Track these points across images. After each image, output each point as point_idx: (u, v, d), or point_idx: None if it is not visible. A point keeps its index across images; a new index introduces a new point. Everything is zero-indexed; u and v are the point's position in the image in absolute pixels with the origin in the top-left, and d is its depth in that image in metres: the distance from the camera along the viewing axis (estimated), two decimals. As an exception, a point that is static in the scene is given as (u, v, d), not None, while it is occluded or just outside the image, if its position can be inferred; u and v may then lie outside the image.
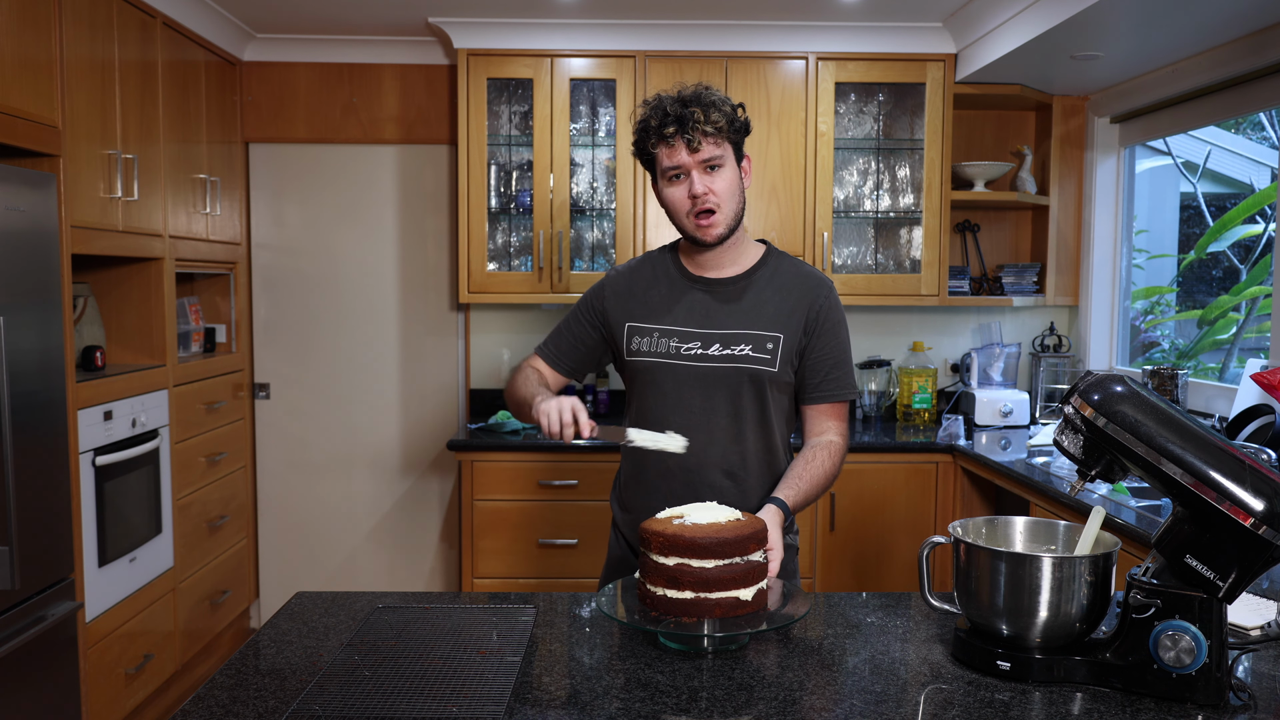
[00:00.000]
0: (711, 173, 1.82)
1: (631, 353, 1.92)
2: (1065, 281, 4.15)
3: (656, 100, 1.85)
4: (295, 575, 4.29)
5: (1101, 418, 1.32)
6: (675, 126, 1.79)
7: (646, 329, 1.92)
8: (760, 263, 1.93)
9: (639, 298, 1.94)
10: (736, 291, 1.90)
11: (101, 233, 2.95)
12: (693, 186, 1.81)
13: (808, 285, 1.91)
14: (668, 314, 1.91)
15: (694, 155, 1.80)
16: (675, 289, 1.93)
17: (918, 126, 3.96)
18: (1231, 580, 1.26)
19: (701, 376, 1.86)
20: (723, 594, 1.45)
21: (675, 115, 1.80)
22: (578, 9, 3.62)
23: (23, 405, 2.50)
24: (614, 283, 1.99)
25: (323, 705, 1.28)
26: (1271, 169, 4.23)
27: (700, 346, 1.87)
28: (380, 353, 4.29)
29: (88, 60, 2.89)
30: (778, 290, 1.90)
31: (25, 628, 2.49)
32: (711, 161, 1.81)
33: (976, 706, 1.29)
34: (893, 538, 3.65)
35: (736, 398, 1.86)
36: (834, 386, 1.90)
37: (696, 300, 1.90)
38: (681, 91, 1.84)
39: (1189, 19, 2.95)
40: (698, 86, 1.85)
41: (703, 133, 1.79)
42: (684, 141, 1.79)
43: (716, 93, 1.84)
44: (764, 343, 1.86)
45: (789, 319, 1.88)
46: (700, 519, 1.51)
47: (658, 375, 1.89)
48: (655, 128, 1.82)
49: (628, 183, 3.83)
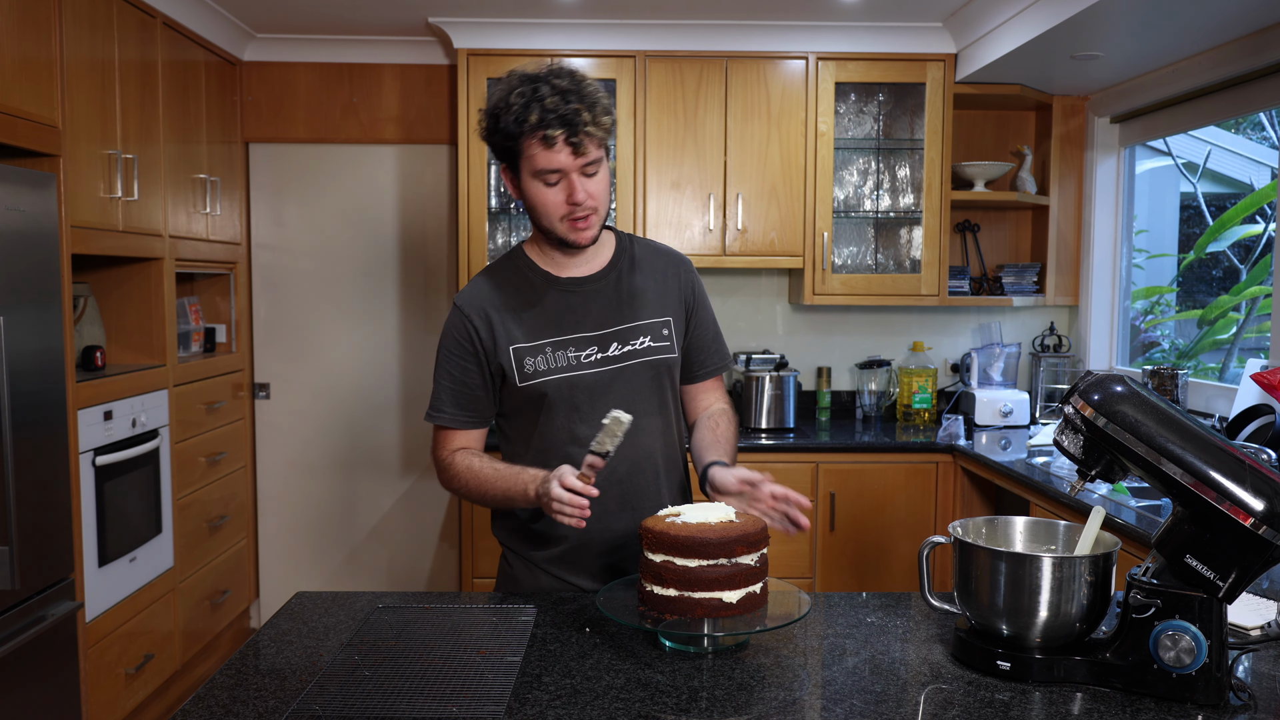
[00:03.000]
0: (591, 176, 1.67)
1: (526, 376, 1.74)
2: (1065, 281, 4.15)
3: (529, 86, 1.62)
4: (295, 575, 4.29)
5: (1101, 418, 1.32)
6: (562, 129, 1.60)
7: (535, 347, 1.75)
8: (619, 250, 1.83)
9: (510, 316, 1.76)
10: (610, 284, 1.79)
11: (101, 233, 2.95)
12: (574, 193, 1.65)
13: (671, 262, 1.87)
14: (550, 325, 1.76)
15: (577, 159, 1.64)
16: (545, 297, 1.77)
17: (918, 126, 3.96)
18: (1231, 580, 1.26)
19: (610, 381, 1.76)
20: (705, 594, 1.45)
21: (560, 114, 1.59)
22: (578, 9, 3.62)
23: (23, 405, 2.50)
24: (474, 309, 1.77)
25: (323, 705, 1.28)
26: (1271, 169, 4.23)
27: (598, 350, 1.76)
28: (380, 353, 4.29)
29: (88, 60, 2.89)
30: (647, 274, 1.83)
31: (25, 628, 2.49)
32: (592, 165, 1.66)
33: (976, 706, 1.29)
34: (893, 538, 3.65)
35: (652, 392, 1.80)
36: (718, 359, 1.91)
37: (573, 302, 1.77)
38: (554, 78, 1.62)
39: (1189, 19, 2.95)
40: (566, 70, 1.64)
41: (589, 135, 1.62)
42: (569, 145, 1.62)
43: (591, 82, 1.66)
44: (660, 329, 1.80)
45: (668, 300, 1.83)
46: (692, 518, 1.51)
47: (565, 392, 1.74)
48: (534, 124, 1.60)
49: (628, 183, 3.83)
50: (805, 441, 3.71)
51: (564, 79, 1.62)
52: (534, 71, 1.64)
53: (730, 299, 4.23)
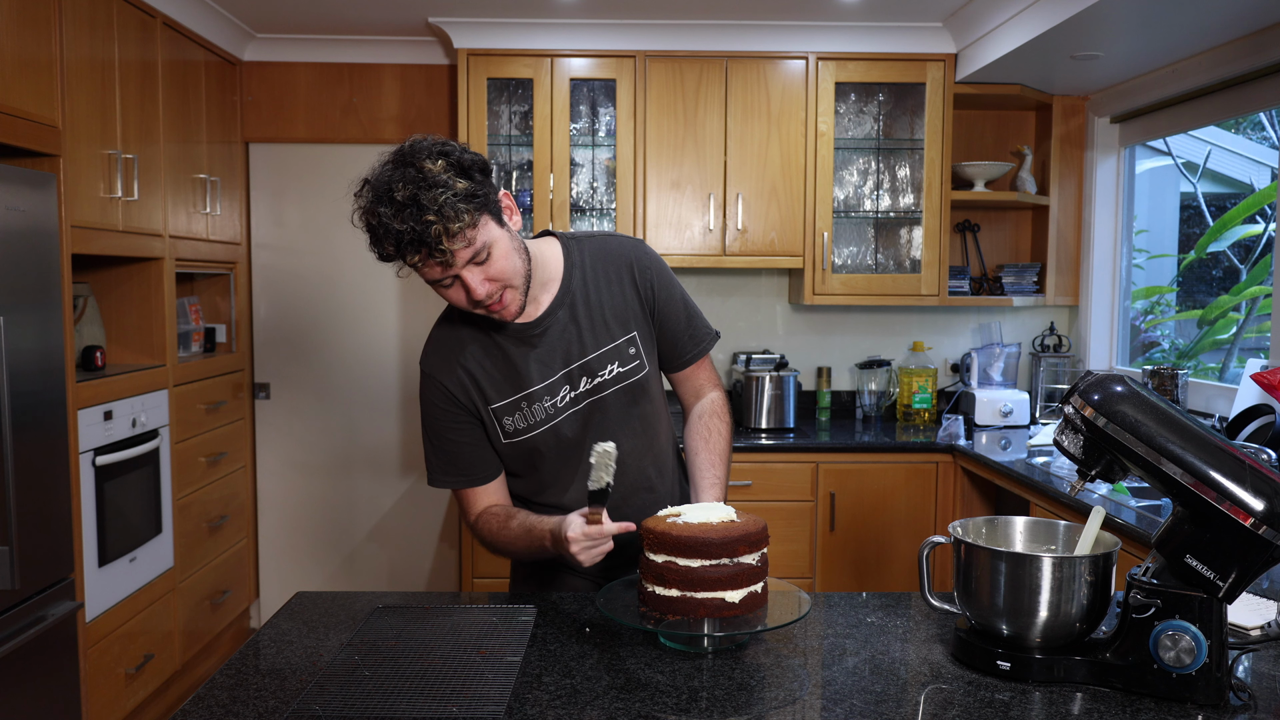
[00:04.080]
0: (484, 263, 1.53)
1: (509, 434, 1.72)
2: (1065, 281, 4.15)
3: (374, 208, 1.47)
4: (295, 575, 4.29)
5: (1101, 418, 1.32)
6: (418, 252, 1.47)
7: (510, 404, 1.70)
8: (568, 269, 1.72)
9: (479, 375, 1.70)
10: (565, 314, 1.70)
11: (101, 233, 2.95)
12: (472, 292, 1.53)
13: (621, 260, 1.75)
14: (519, 377, 1.69)
15: (455, 265, 1.50)
16: (505, 347, 1.70)
17: (918, 126, 3.96)
18: (1231, 580, 1.26)
19: (587, 415, 1.73)
20: (708, 594, 1.45)
21: (411, 238, 1.45)
22: (578, 9, 3.62)
23: (23, 405, 2.50)
24: (446, 373, 1.71)
25: (323, 705, 1.28)
26: (1271, 169, 4.23)
27: (570, 389, 1.71)
28: (380, 353, 4.29)
29: (88, 60, 2.89)
30: (601, 286, 1.73)
31: (25, 628, 2.49)
32: (478, 255, 1.51)
33: (976, 706, 1.29)
34: (893, 538, 3.65)
35: (630, 415, 1.76)
36: (695, 341, 1.82)
37: (533, 350, 1.69)
38: (393, 190, 1.45)
39: (1189, 19, 2.95)
40: (408, 172, 1.46)
41: (452, 240, 1.46)
42: (435, 261, 1.49)
43: (437, 174, 1.45)
44: (625, 350, 1.73)
45: (628, 311, 1.74)
46: (693, 518, 1.51)
47: (548, 440, 1.72)
48: (393, 254, 1.49)
49: (628, 183, 3.83)
50: (805, 441, 3.71)
51: (402, 187, 1.44)
52: (376, 179, 1.49)
53: (730, 299, 4.23)
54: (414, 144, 1.52)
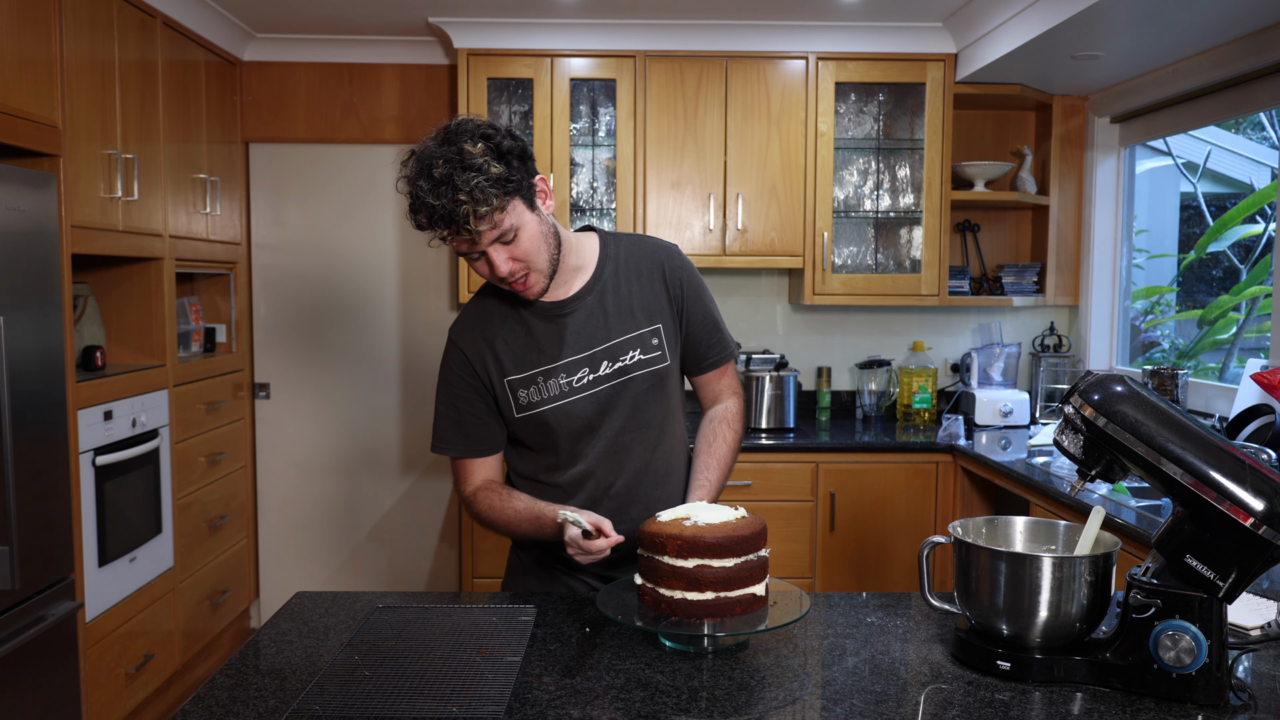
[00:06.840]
0: (510, 243, 1.61)
1: (522, 408, 1.76)
2: (1065, 281, 4.15)
3: (414, 182, 1.56)
4: (295, 575, 4.29)
5: (1101, 418, 1.32)
6: (448, 228, 1.56)
7: (527, 378, 1.75)
8: (603, 258, 1.79)
9: (500, 348, 1.76)
10: (594, 301, 1.76)
11: (101, 233, 2.95)
12: (496, 269, 1.62)
13: (657, 260, 1.80)
14: (539, 352, 1.75)
15: (482, 243, 1.59)
16: (530, 323, 1.76)
17: (918, 126, 3.96)
18: (1231, 580, 1.26)
19: (606, 400, 1.76)
20: (741, 591, 1.45)
21: (441, 215, 1.54)
22: (578, 9, 3.62)
23: (23, 405, 2.50)
24: (468, 341, 1.79)
25: (323, 705, 1.28)
26: (1271, 169, 4.23)
27: (589, 371, 1.75)
28: (380, 353, 4.29)
29: (88, 60, 2.89)
30: (633, 280, 1.78)
31: (25, 628, 2.49)
32: (504, 235, 1.60)
33: (976, 706, 1.29)
34: (893, 538, 3.65)
35: (647, 405, 1.78)
36: (719, 350, 1.86)
37: (558, 327, 1.75)
38: (433, 167, 1.53)
39: (1189, 19, 2.95)
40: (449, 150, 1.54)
41: (480, 221, 1.55)
42: (464, 238, 1.58)
43: (474, 157, 1.53)
44: (649, 339, 1.77)
45: (656, 305, 1.79)
46: (712, 519, 1.50)
47: (560, 419, 1.75)
48: (425, 225, 1.58)
49: (628, 183, 3.83)
50: (805, 441, 3.71)
51: (442, 165, 1.52)
52: (421, 152, 1.57)
53: (730, 299, 4.23)
54: (460, 123, 1.59)
